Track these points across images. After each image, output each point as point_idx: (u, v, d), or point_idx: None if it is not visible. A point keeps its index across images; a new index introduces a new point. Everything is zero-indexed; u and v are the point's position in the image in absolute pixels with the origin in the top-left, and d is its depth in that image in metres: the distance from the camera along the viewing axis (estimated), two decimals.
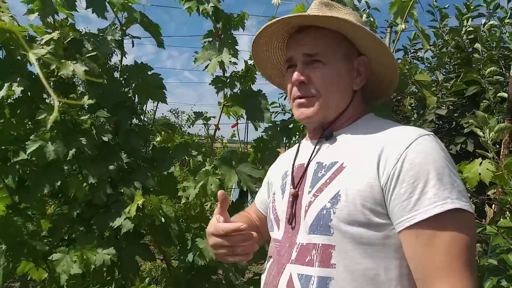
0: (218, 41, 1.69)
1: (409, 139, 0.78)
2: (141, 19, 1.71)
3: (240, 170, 1.64)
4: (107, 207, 1.62)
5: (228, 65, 1.62)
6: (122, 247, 1.65)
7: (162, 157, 1.75)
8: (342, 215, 0.78)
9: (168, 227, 1.70)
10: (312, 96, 0.91)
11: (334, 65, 0.91)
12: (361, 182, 0.79)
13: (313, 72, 0.90)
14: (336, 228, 0.78)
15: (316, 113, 0.91)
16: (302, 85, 0.91)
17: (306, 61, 0.91)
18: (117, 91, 1.68)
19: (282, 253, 0.88)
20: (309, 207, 0.85)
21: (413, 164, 0.74)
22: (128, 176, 1.65)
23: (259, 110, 1.64)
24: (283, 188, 0.99)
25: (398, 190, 0.74)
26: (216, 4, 1.60)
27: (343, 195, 0.79)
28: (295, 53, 0.93)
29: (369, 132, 0.88)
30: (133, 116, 1.75)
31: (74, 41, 1.58)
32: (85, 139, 1.49)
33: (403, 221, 0.74)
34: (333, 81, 0.90)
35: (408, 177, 0.74)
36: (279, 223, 0.95)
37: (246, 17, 1.76)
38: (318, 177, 0.87)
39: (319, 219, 0.81)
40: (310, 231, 0.83)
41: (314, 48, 0.91)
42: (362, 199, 0.77)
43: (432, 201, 0.71)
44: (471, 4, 2.71)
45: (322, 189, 0.84)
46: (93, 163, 1.57)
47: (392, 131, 0.84)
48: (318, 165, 0.90)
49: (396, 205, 0.75)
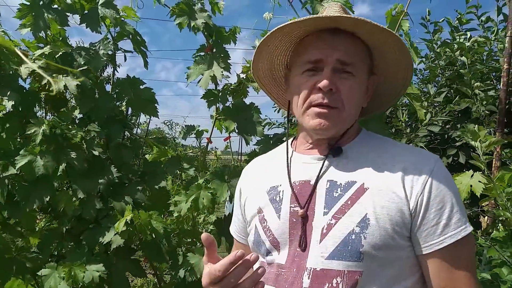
0: (210, 55, 1.72)
1: (429, 163, 0.82)
2: (134, 36, 1.73)
3: (232, 184, 1.65)
4: (97, 222, 1.62)
5: (220, 78, 1.65)
6: (112, 262, 1.64)
7: (153, 171, 1.76)
8: (374, 240, 0.76)
9: (159, 243, 1.70)
10: (336, 107, 0.85)
11: (360, 79, 0.87)
12: (390, 206, 0.79)
13: (341, 83, 0.84)
14: (366, 253, 0.76)
15: (334, 127, 0.86)
16: (329, 93, 0.84)
17: (337, 68, 0.84)
18: (108, 105, 1.69)
19: (289, 280, 0.81)
20: (328, 230, 0.80)
21: (438, 190, 0.79)
22: (118, 191, 1.66)
23: (251, 123, 1.66)
24: (277, 206, 0.89)
25: (427, 216, 0.78)
26: (206, 20, 1.63)
27: (372, 219, 0.78)
28: (327, 56, 0.84)
29: (377, 150, 0.88)
30: (125, 130, 1.76)
31: (65, 55, 1.60)
32: (75, 153, 1.49)
33: (432, 245, 0.78)
34: (357, 96, 0.87)
35: (436, 203, 0.78)
36: (278, 246, 0.86)
37: (238, 31, 1.80)
38: (335, 197, 0.83)
39: (347, 245, 0.77)
40: (332, 256, 0.78)
41: (350, 57, 0.84)
42: (393, 223, 0.78)
43: (458, 225, 0.78)
44: (463, 17, 2.78)
45: (343, 211, 0.80)
46: (83, 177, 1.57)
47: (405, 151, 0.87)
48: (331, 184, 0.85)
49: (425, 230, 0.78)
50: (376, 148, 0.89)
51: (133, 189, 1.65)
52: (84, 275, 1.46)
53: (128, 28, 1.72)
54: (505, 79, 2.42)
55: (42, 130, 1.39)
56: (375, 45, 0.89)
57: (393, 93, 1.00)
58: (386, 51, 0.89)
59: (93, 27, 1.60)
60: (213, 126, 1.85)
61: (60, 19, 1.57)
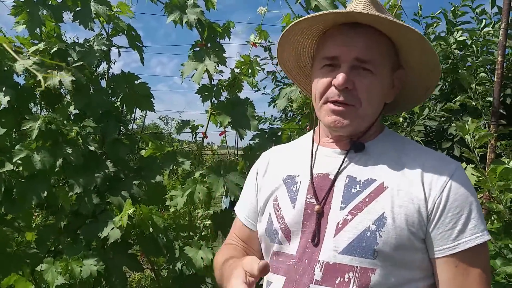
0: (203, 50, 1.74)
1: (450, 167, 0.83)
2: (128, 31, 1.75)
3: (228, 178, 1.68)
4: (94, 217, 1.65)
5: (213, 73, 1.67)
6: (109, 257, 1.66)
7: (149, 166, 1.78)
8: (390, 239, 0.78)
9: (156, 237, 1.73)
10: (352, 105, 0.84)
11: (381, 75, 0.85)
12: (408, 206, 0.79)
13: (359, 80, 0.83)
14: (380, 252, 0.78)
15: (351, 124, 0.86)
16: (345, 90, 0.84)
17: (355, 65, 0.83)
18: (103, 100, 1.72)
19: (300, 271, 0.82)
20: (344, 225, 0.81)
21: (457, 194, 0.80)
22: (115, 186, 1.69)
23: (245, 118, 1.68)
24: (293, 196, 0.90)
25: (443, 219, 0.79)
26: (199, 16, 1.65)
27: (389, 218, 0.79)
28: (344, 53, 0.84)
29: (400, 150, 0.88)
30: (120, 125, 1.78)
31: (60, 51, 1.62)
32: (72, 148, 1.51)
33: (445, 249, 0.79)
34: (376, 94, 0.86)
35: (453, 207, 0.79)
36: (289, 236, 0.87)
37: (232, 26, 1.82)
38: (353, 193, 0.84)
39: (361, 241, 0.79)
40: (345, 252, 0.79)
41: (368, 54, 0.83)
42: (409, 223, 0.78)
43: (473, 232, 0.78)
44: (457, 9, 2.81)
45: (361, 207, 0.81)
46: (79, 172, 1.60)
47: (427, 154, 0.87)
48: (351, 180, 0.86)
49: (439, 233, 0.79)
50: (398, 148, 0.89)
51: (129, 184, 1.68)
52: (81, 270, 1.49)
53: (122, 24, 1.74)
54: (499, 71, 2.46)
55: (38, 126, 1.41)
56: (398, 40, 0.87)
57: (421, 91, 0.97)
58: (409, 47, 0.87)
59: (85, 24, 1.62)
60: (208, 120, 1.88)
61: (55, 16, 1.59)
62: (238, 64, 1.77)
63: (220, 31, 1.78)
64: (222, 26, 1.78)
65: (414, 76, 0.93)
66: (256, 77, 1.81)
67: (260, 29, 1.82)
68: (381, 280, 0.77)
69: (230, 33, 1.81)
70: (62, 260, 1.52)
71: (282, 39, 0.93)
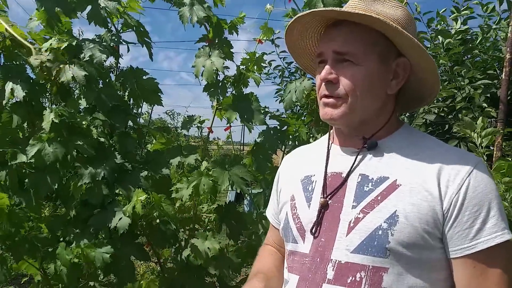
0: (211, 46, 1.81)
1: (469, 164, 0.81)
2: (137, 28, 1.83)
3: (233, 172, 1.76)
4: (103, 208, 1.73)
5: (222, 70, 1.74)
6: (117, 247, 1.75)
7: (156, 159, 1.87)
8: (402, 237, 0.78)
9: (163, 228, 1.81)
10: (339, 97, 0.87)
11: (366, 66, 0.86)
12: (421, 204, 0.79)
13: (342, 72, 0.87)
14: (393, 250, 0.78)
15: (341, 116, 0.88)
16: (330, 84, 0.88)
17: (337, 59, 0.87)
18: (113, 94, 1.80)
19: (313, 269, 0.85)
20: (356, 224, 0.83)
21: (476, 192, 0.78)
22: (123, 177, 1.77)
23: (252, 112, 1.75)
24: (309, 196, 0.94)
25: (461, 218, 0.78)
26: (207, 13, 1.72)
27: (401, 216, 0.79)
28: (326, 49, 0.89)
29: (417, 147, 0.88)
30: (129, 119, 1.87)
31: (72, 47, 1.70)
32: (83, 140, 1.60)
33: (463, 249, 0.78)
34: (364, 84, 0.86)
35: (471, 206, 0.78)
36: (304, 235, 0.91)
37: (241, 22, 1.88)
38: (365, 192, 0.85)
39: (373, 240, 0.80)
40: (357, 250, 0.81)
41: (344, 46, 0.86)
42: (423, 222, 0.78)
43: (493, 231, 0.77)
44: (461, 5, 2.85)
45: (372, 205, 0.82)
46: (88, 163, 1.68)
47: (445, 151, 0.86)
48: (363, 178, 0.87)
49: (456, 232, 0.78)
50: (414, 145, 0.89)
51: (137, 176, 1.76)
52: (95, 254, 1.58)
53: (131, 20, 1.82)
54: (508, 68, 2.50)
55: (51, 118, 1.50)
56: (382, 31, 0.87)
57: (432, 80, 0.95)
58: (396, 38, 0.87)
59: (100, 23, 1.72)
60: (214, 115, 1.96)
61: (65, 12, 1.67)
62: (245, 61, 1.84)
63: (227, 27, 1.85)
64: (230, 22, 1.84)
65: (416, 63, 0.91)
66: (261, 73, 1.88)
67: (265, 26, 1.88)
68: (394, 280, 0.78)
69: (237, 30, 1.87)
70: (77, 247, 1.61)
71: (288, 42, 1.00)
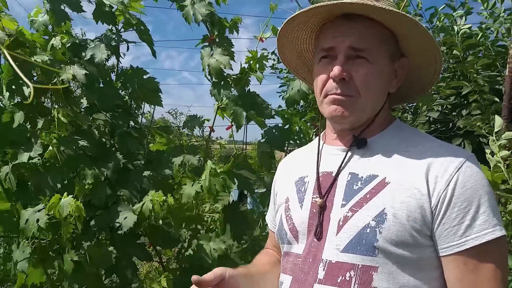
0: (213, 45, 1.83)
1: (459, 159, 0.81)
2: (137, 26, 1.85)
3: (238, 173, 1.78)
4: (106, 208, 1.75)
5: (230, 66, 1.76)
6: (119, 248, 1.77)
7: (157, 159, 1.88)
8: (390, 235, 0.78)
9: (165, 229, 1.83)
10: (351, 95, 0.86)
11: (379, 64, 0.86)
12: (410, 201, 0.79)
13: (356, 70, 0.85)
14: (381, 249, 0.78)
15: (352, 115, 0.88)
16: (342, 82, 0.86)
17: (350, 55, 0.85)
18: (114, 94, 1.82)
19: (305, 269, 0.86)
20: (344, 223, 0.83)
21: (465, 188, 0.78)
22: (125, 178, 1.79)
23: (259, 107, 1.77)
24: (301, 196, 0.94)
25: (449, 214, 0.77)
26: (209, 9, 1.74)
27: (389, 214, 0.79)
28: (339, 43, 0.86)
29: (406, 143, 0.88)
30: (130, 119, 1.88)
31: (72, 47, 1.72)
32: (86, 140, 1.62)
33: (452, 247, 0.77)
34: (376, 83, 0.87)
35: (460, 202, 0.77)
36: (297, 236, 0.91)
37: (240, 21, 1.90)
38: (354, 190, 0.85)
39: (361, 238, 0.80)
40: (346, 250, 0.81)
41: (363, 42, 0.85)
42: (411, 219, 0.78)
43: (483, 227, 0.76)
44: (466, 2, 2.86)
45: (361, 204, 0.83)
46: (91, 163, 1.70)
47: (435, 147, 0.86)
48: (352, 176, 0.88)
49: (445, 229, 0.78)
50: (405, 141, 0.89)
51: (139, 176, 1.78)
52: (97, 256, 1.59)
53: (133, 19, 1.83)
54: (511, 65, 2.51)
55: (56, 117, 1.52)
56: (393, 27, 0.88)
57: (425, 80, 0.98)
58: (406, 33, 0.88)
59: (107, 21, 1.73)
60: (215, 115, 1.98)
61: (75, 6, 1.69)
62: (248, 59, 1.86)
63: (228, 26, 1.87)
64: (231, 21, 1.87)
65: (417, 63, 0.94)
66: (264, 71, 1.90)
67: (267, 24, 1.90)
68: (385, 279, 0.78)
69: (238, 28, 1.89)
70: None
71: (280, 37, 0.97)
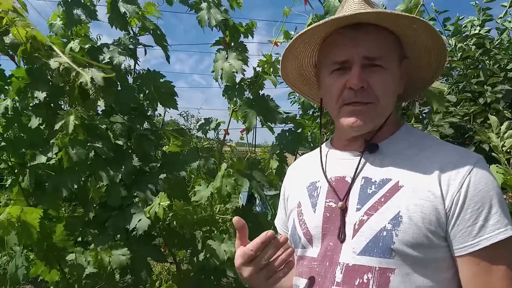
0: (227, 49, 1.86)
1: (469, 162, 0.83)
2: (154, 30, 1.88)
3: (251, 175, 1.80)
4: (121, 210, 1.78)
5: (242, 72, 1.79)
6: (134, 249, 1.80)
7: (172, 161, 1.91)
8: (406, 238, 0.80)
9: (179, 231, 1.86)
10: (370, 103, 0.89)
11: (391, 69, 0.90)
12: (424, 204, 0.81)
13: (372, 77, 0.88)
14: (398, 251, 0.80)
15: (371, 122, 0.90)
16: (361, 90, 0.88)
17: (365, 64, 0.88)
18: (131, 97, 1.85)
19: (322, 273, 0.88)
20: (360, 226, 0.85)
21: (477, 189, 0.80)
22: (140, 179, 1.82)
23: (271, 112, 1.80)
24: (314, 201, 0.96)
25: (463, 216, 0.80)
26: (224, 16, 1.77)
27: (405, 216, 0.81)
28: (352, 55, 0.88)
29: (417, 147, 0.91)
30: (147, 121, 1.92)
31: (92, 50, 1.76)
32: (102, 142, 1.65)
33: (467, 247, 0.80)
34: (391, 88, 0.90)
35: (473, 203, 0.80)
36: (311, 240, 0.93)
37: (255, 26, 1.94)
38: (368, 194, 0.88)
39: (378, 241, 0.82)
40: (363, 252, 0.83)
41: (376, 51, 0.88)
42: (426, 221, 0.80)
43: (496, 227, 0.79)
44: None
45: (376, 207, 0.85)
46: (106, 166, 1.73)
47: (446, 150, 0.88)
48: (366, 181, 0.90)
49: (459, 230, 0.80)
50: (415, 145, 0.91)
51: (154, 178, 1.81)
52: (110, 259, 1.63)
53: (149, 23, 1.87)
54: None
55: (72, 120, 1.55)
56: (402, 32, 0.92)
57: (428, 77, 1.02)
58: (414, 37, 0.92)
59: (122, 27, 1.77)
60: (230, 117, 2.00)
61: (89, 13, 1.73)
62: (261, 63, 1.88)
63: (243, 30, 1.90)
64: (245, 26, 1.89)
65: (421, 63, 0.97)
66: (278, 75, 1.92)
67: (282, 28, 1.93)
68: (402, 280, 0.80)
69: (253, 32, 1.92)
70: (92, 250, 1.66)
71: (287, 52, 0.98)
